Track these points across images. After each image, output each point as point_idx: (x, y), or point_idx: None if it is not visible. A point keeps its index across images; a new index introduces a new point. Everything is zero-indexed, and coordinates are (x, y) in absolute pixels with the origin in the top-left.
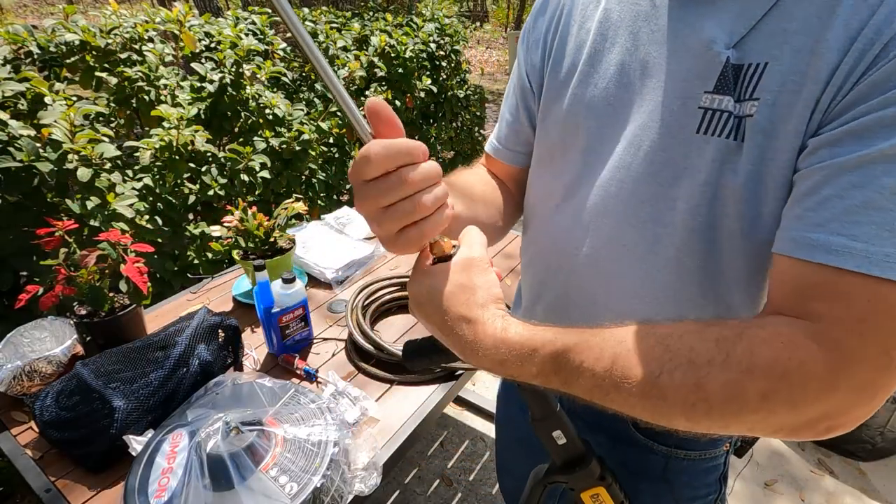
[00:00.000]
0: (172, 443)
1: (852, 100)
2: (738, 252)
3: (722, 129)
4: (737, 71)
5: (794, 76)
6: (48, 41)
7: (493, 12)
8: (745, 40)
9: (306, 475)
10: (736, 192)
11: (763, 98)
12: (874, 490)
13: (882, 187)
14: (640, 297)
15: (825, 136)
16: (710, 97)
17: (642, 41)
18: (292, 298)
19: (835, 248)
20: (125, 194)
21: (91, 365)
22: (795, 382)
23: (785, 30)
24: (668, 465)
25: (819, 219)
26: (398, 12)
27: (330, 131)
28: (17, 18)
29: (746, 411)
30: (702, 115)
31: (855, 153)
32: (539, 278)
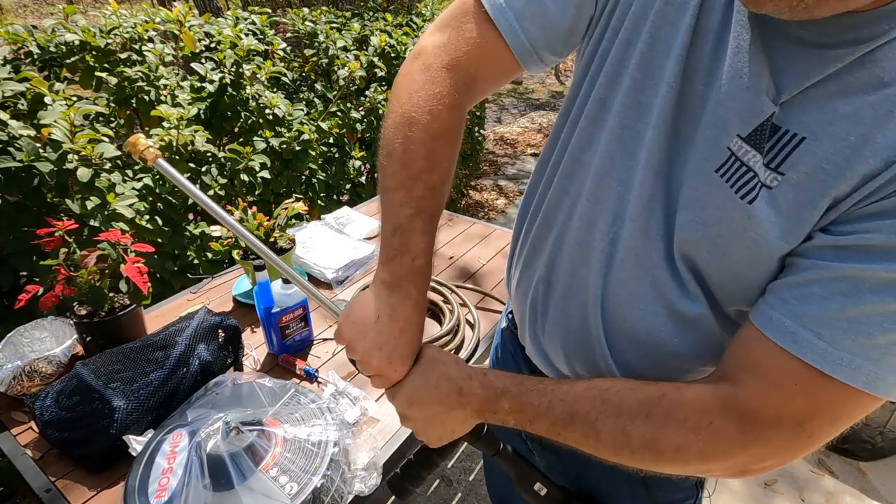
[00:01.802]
0: (172, 443)
1: (873, 212)
2: (711, 295)
3: (738, 182)
4: (773, 131)
5: (827, 165)
6: (48, 41)
7: None
8: (792, 101)
9: (306, 475)
10: (729, 248)
11: (788, 175)
12: (874, 490)
13: (865, 303)
14: (636, 308)
15: (835, 239)
16: (740, 144)
17: (711, 38)
18: (292, 298)
19: (801, 339)
20: (125, 194)
21: (91, 365)
22: (705, 439)
23: (836, 110)
24: (650, 487)
25: (799, 310)
26: (398, 12)
27: (330, 131)
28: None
29: (662, 459)
30: (726, 157)
31: (856, 266)
32: (538, 253)
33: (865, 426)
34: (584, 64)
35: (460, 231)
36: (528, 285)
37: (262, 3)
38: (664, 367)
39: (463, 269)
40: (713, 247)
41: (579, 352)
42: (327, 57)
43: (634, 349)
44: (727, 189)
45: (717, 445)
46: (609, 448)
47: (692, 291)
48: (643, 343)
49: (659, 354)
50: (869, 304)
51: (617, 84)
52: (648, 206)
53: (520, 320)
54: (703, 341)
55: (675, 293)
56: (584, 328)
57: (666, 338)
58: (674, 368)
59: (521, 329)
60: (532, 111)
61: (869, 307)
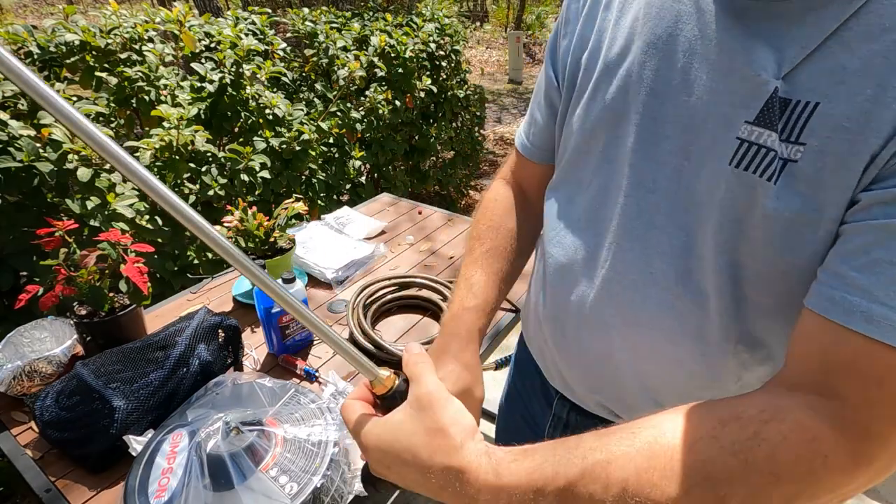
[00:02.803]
0: (172, 443)
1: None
2: (768, 295)
3: (759, 165)
4: (784, 105)
5: (848, 123)
6: (48, 41)
7: (493, 12)
8: (796, 72)
9: (306, 475)
10: (767, 236)
11: (810, 143)
12: (874, 490)
13: None
14: (661, 330)
15: (880, 193)
16: (751, 129)
17: (682, 49)
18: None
19: (875, 317)
20: (125, 194)
21: (91, 365)
22: (820, 478)
23: (844, 67)
24: None
25: (863, 282)
26: (398, 12)
27: (330, 131)
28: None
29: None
30: (737, 146)
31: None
32: (553, 293)
33: None
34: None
35: (460, 231)
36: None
37: (262, 3)
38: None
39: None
40: (749, 241)
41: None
42: (327, 57)
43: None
44: (747, 175)
45: (831, 479)
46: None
47: (724, 304)
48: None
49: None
50: None
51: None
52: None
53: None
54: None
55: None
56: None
57: (685, 357)
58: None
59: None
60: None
61: None
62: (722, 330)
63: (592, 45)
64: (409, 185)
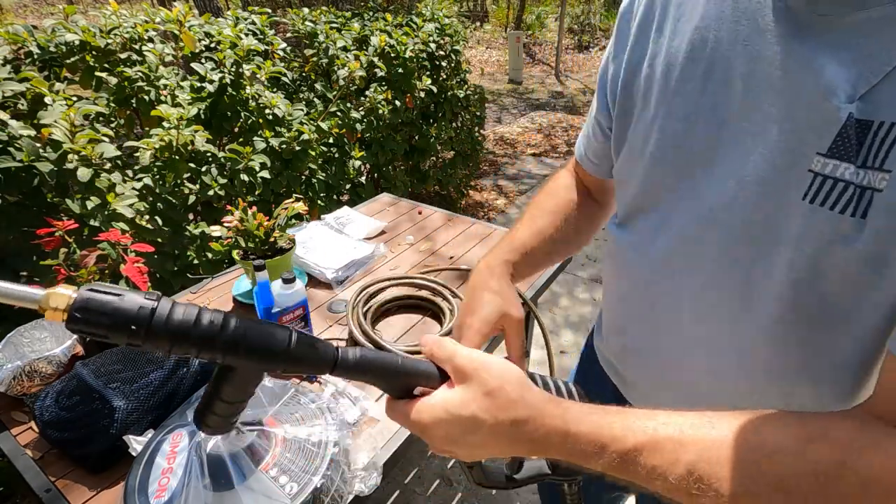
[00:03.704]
0: (172, 443)
1: None
2: (846, 335)
3: (836, 200)
4: (862, 129)
5: None
6: (48, 41)
7: (493, 12)
8: (876, 90)
9: (306, 475)
10: (848, 274)
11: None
12: None
13: None
14: (728, 360)
15: None
16: (824, 161)
17: (741, 74)
18: (292, 298)
19: None
20: (125, 194)
21: (91, 365)
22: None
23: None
24: None
25: None
26: (398, 12)
27: (330, 131)
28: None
29: None
30: (811, 180)
31: None
32: (617, 315)
33: None
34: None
35: (460, 231)
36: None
37: (262, 3)
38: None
39: (463, 270)
40: (826, 277)
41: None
42: (327, 57)
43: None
44: (824, 211)
45: None
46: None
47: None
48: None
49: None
50: None
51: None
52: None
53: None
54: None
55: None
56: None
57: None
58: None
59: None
60: (532, 111)
61: None
62: (792, 371)
63: (646, 72)
64: (409, 185)
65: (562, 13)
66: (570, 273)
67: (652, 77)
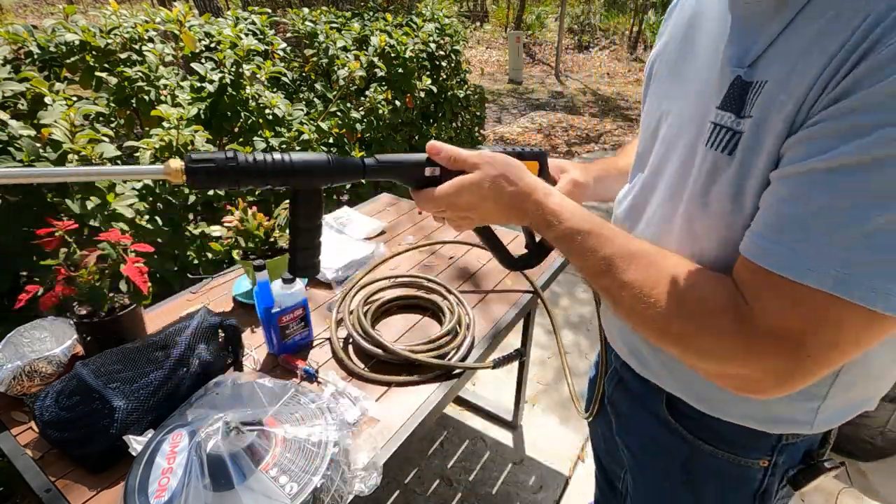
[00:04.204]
0: (172, 443)
1: (815, 113)
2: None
3: (719, 142)
4: (744, 88)
5: (781, 94)
6: (48, 41)
7: (493, 12)
8: (760, 59)
9: (306, 475)
10: (723, 202)
11: (754, 116)
12: (874, 490)
13: (819, 196)
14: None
15: (789, 147)
16: (718, 113)
17: (702, 46)
18: (292, 298)
19: (763, 250)
20: (125, 194)
21: (91, 365)
22: (723, 348)
23: (791, 49)
24: (692, 455)
25: (760, 220)
26: (398, 12)
27: (330, 131)
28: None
29: (689, 355)
30: (710, 130)
31: (799, 164)
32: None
33: (865, 426)
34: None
35: (460, 231)
36: None
37: (262, 3)
38: None
39: (463, 270)
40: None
41: None
42: (327, 57)
43: None
44: (713, 152)
45: (719, 345)
46: (626, 303)
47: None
48: None
49: None
50: (816, 198)
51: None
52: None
53: None
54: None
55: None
56: None
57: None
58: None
59: None
60: (532, 111)
61: (818, 203)
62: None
63: (657, 49)
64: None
65: (562, 13)
66: (570, 273)
67: (654, 54)
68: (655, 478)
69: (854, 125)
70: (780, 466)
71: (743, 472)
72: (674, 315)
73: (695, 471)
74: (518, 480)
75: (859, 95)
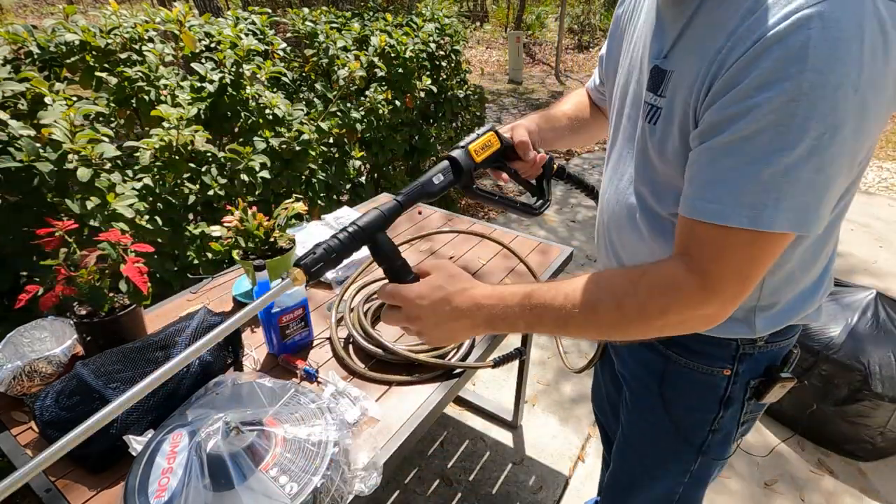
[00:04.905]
0: (172, 443)
1: (706, 104)
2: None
3: (648, 115)
4: (661, 74)
5: (683, 81)
6: (48, 41)
7: (493, 12)
8: (671, 51)
9: (306, 475)
10: (652, 161)
11: (668, 96)
12: (874, 490)
13: (723, 164)
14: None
15: (695, 131)
16: (648, 94)
17: (636, 44)
18: (292, 298)
19: (696, 208)
20: (125, 194)
21: (91, 365)
22: (682, 297)
23: (689, 44)
24: (667, 367)
25: (690, 188)
26: (398, 12)
27: (330, 131)
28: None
29: (652, 319)
30: (644, 107)
31: (707, 143)
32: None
33: (865, 426)
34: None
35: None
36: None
37: (262, 3)
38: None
39: (463, 269)
40: (649, 164)
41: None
42: (327, 57)
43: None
44: (646, 124)
45: (688, 300)
46: (605, 325)
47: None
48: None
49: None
50: (727, 164)
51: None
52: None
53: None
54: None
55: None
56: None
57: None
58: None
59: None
60: (532, 111)
61: (729, 165)
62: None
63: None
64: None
65: (562, 13)
66: (570, 273)
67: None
68: (642, 394)
69: (733, 113)
70: (742, 376)
71: (708, 379)
72: (647, 306)
73: (669, 380)
74: (518, 480)
75: (729, 95)
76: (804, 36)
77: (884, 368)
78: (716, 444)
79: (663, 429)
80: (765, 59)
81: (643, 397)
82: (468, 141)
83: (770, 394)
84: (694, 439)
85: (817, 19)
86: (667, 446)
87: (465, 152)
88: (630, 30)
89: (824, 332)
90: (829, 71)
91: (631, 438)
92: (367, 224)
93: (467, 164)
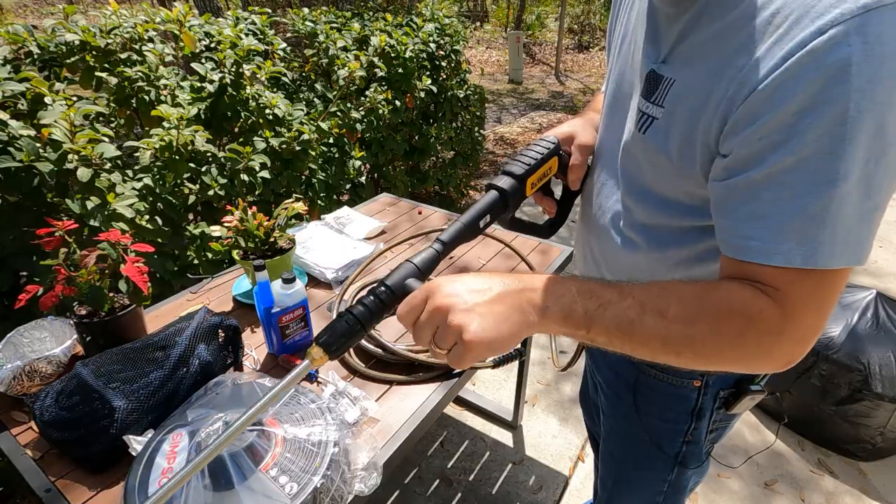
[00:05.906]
0: (172, 443)
1: (729, 130)
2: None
3: (639, 122)
4: (657, 80)
5: (690, 97)
6: (48, 41)
7: (493, 12)
8: (669, 57)
9: (306, 475)
10: (641, 168)
11: (667, 107)
12: (874, 490)
13: (764, 198)
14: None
15: (722, 163)
16: (641, 101)
17: (627, 48)
18: (292, 298)
19: (741, 248)
20: (125, 194)
21: (91, 365)
22: (758, 322)
23: (694, 50)
24: (638, 377)
25: (728, 223)
26: (398, 12)
27: (330, 131)
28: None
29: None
30: (639, 116)
31: (742, 176)
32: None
33: (865, 426)
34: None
35: None
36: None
37: (262, 3)
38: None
39: (463, 270)
40: (638, 174)
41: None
42: (327, 57)
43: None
44: (637, 133)
45: (767, 325)
46: (675, 340)
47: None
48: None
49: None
50: (766, 198)
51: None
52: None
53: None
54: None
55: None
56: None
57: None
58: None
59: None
60: (532, 111)
61: (763, 198)
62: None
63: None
64: (409, 185)
65: (562, 13)
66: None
67: (611, 33)
68: (616, 403)
69: (772, 143)
70: (712, 387)
71: (678, 391)
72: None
73: (641, 391)
74: (518, 480)
75: (763, 123)
76: (844, 53)
77: (884, 368)
78: (692, 455)
79: (638, 438)
80: (801, 80)
81: (618, 405)
82: (525, 168)
83: (739, 405)
84: (668, 449)
85: (855, 35)
86: (642, 455)
87: (518, 183)
88: (623, 17)
89: (824, 332)
90: (874, 91)
91: (609, 445)
92: (397, 286)
93: (516, 199)
